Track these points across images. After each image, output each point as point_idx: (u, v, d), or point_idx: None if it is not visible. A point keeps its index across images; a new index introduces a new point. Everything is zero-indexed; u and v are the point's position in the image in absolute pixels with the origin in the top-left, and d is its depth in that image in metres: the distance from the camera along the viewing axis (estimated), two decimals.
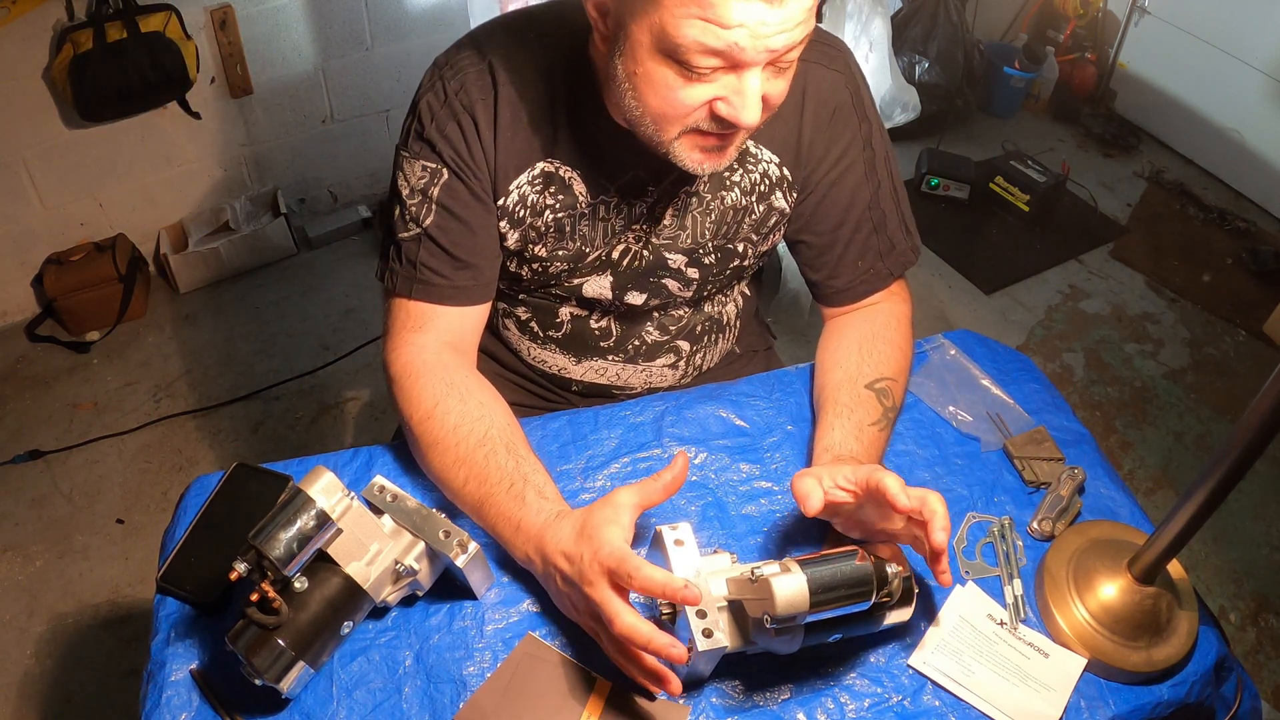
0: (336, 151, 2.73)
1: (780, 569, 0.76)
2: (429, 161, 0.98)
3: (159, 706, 0.82)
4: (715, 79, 0.81)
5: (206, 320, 2.51)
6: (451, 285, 1.02)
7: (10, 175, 2.27)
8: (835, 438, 0.97)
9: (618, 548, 0.78)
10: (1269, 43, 2.86)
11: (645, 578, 0.75)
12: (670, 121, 0.85)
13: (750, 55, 0.77)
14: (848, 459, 0.94)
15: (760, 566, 0.78)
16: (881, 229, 1.09)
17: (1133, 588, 0.90)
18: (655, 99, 0.83)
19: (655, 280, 1.10)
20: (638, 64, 0.82)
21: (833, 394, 1.02)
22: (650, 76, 0.82)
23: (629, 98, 0.86)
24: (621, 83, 0.85)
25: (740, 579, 0.80)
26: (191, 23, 2.25)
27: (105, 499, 2.07)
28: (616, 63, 0.85)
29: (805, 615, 0.76)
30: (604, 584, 0.78)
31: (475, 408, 0.95)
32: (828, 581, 0.76)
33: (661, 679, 0.79)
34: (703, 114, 0.84)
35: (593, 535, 0.80)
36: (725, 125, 0.84)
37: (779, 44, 0.77)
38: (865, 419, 0.99)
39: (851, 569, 0.78)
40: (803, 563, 0.77)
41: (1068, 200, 3.01)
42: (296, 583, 0.79)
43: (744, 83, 0.80)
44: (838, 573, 0.77)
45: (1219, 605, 1.96)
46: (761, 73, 0.81)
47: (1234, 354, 2.57)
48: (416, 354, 1.00)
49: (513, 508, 0.88)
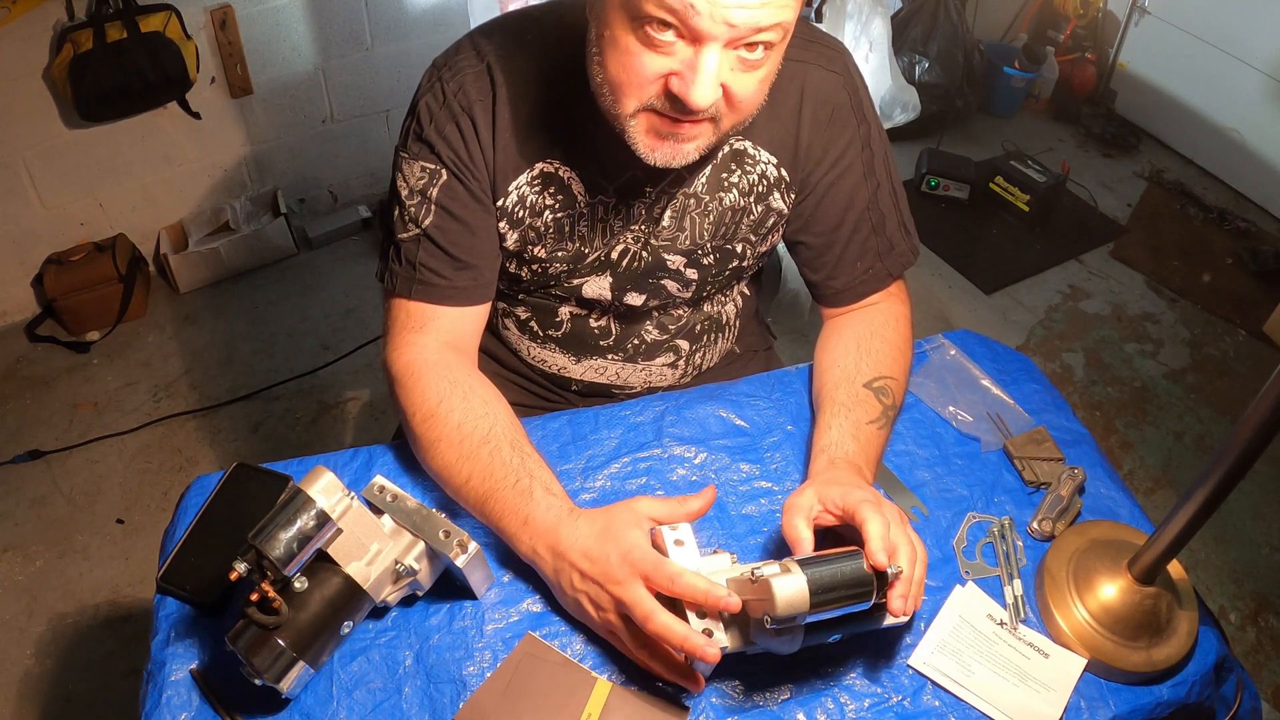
0: (336, 151, 2.73)
1: (780, 569, 0.76)
2: (428, 162, 0.98)
3: (159, 706, 0.82)
4: (673, 52, 0.80)
5: (206, 320, 2.51)
6: (451, 286, 1.02)
7: (10, 175, 2.27)
8: (832, 437, 0.97)
9: (651, 552, 0.80)
10: (1269, 43, 2.86)
11: (687, 585, 0.77)
12: (625, 92, 0.84)
13: (706, 24, 0.76)
14: (842, 461, 0.94)
15: (760, 567, 0.78)
16: (880, 229, 1.09)
17: (1133, 588, 0.90)
18: (614, 65, 0.83)
19: (654, 281, 1.10)
20: (606, 27, 0.82)
21: (830, 393, 1.02)
22: (615, 40, 0.82)
23: (595, 64, 0.86)
24: (592, 46, 0.86)
25: (741, 579, 0.80)
26: (191, 23, 2.25)
27: (105, 499, 2.07)
28: (592, 26, 0.86)
29: (805, 616, 0.75)
30: (635, 583, 0.79)
31: (479, 405, 0.95)
32: (828, 582, 0.76)
33: (689, 678, 0.81)
34: (657, 89, 0.83)
35: (619, 537, 0.82)
36: (679, 107, 0.83)
37: (738, 19, 0.76)
38: (863, 417, 0.99)
39: (852, 569, 0.78)
40: (803, 563, 0.77)
41: (1068, 200, 3.01)
42: (296, 583, 0.79)
43: (699, 59, 0.79)
44: (838, 573, 0.77)
45: (1219, 605, 1.96)
46: (722, 54, 0.79)
47: (1234, 354, 2.57)
48: (418, 353, 1.00)
49: (520, 503, 0.88)
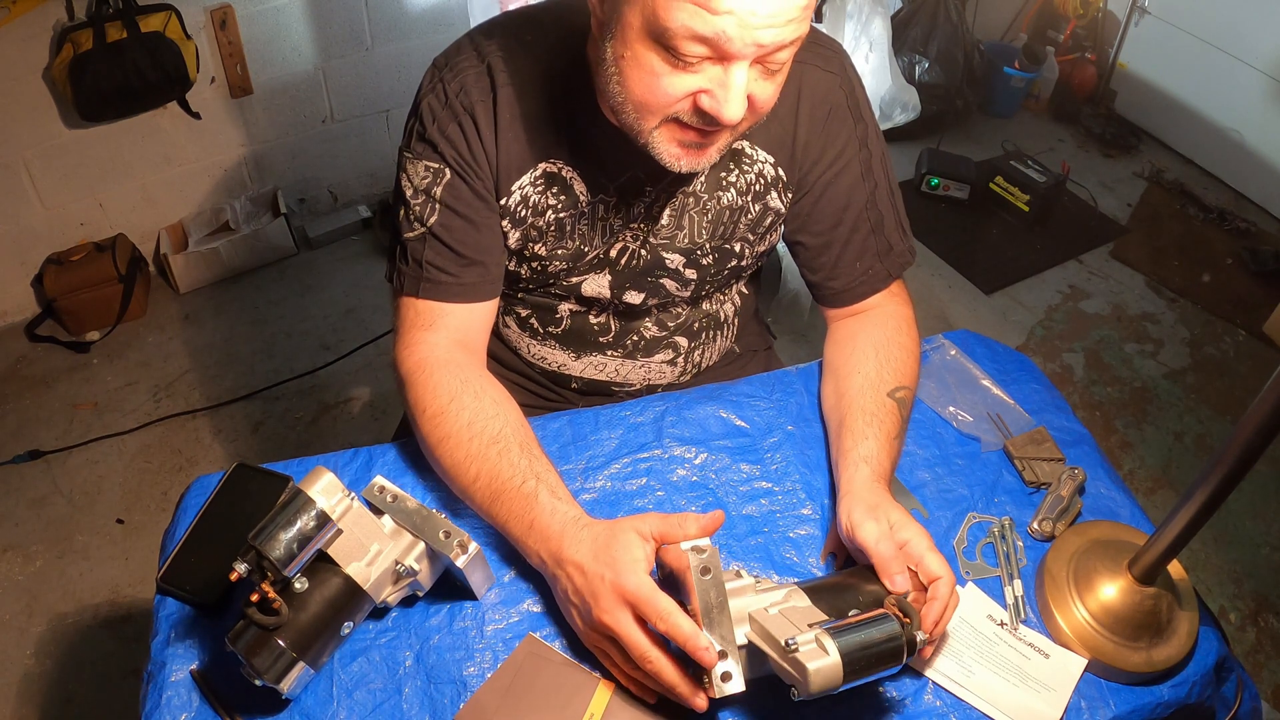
0: (336, 151, 2.73)
1: (815, 645, 0.73)
2: (431, 162, 0.98)
3: (159, 707, 0.82)
4: (701, 70, 0.80)
5: (206, 320, 2.51)
6: (459, 283, 1.02)
7: (10, 175, 2.27)
8: (870, 449, 0.96)
9: (644, 583, 0.78)
10: (1269, 43, 2.86)
11: (674, 625, 0.75)
12: (651, 111, 0.85)
13: (737, 46, 0.77)
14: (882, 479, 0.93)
15: (795, 637, 0.73)
16: (879, 230, 1.09)
17: (1133, 588, 0.90)
18: (639, 86, 0.83)
19: (653, 280, 1.10)
20: (626, 47, 0.82)
21: (857, 400, 1.01)
22: (638, 60, 0.81)
23: (614, 83, 0.86)
24: (609, 66, 0.85)
25: (767, 634, 0.76)
26: (191, 23, 2.25)
27: (105, 499, 2.07)
28: (607, 46, 0.85)
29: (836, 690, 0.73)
30: (622, 613, 0.78)
31: (489, 405, 0.95)
32: (860, 660, 0.73)
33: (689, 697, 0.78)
34: (685, 105, 0.83)
35: (613, 561, 0.80)
36: (707, 120, 0.83)
37: (767, 39, 0.77)
38: (890, 430, 0.98)
39: (882, 635, 0.74)
40: (836, 634, 0.73)
41: (1068, 200, 3.01)
42: (297, 583, 0.79)
43: (729, 76, 0.80)
44: (870, 646, 0.74)
45: (1219, 605, 1.96)
46: (749, 70, 0.80)
47: (1234, 354, 2.57)
48: (429, 351, 1.00)
49: (526, 507, 0.88)
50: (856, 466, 0.94)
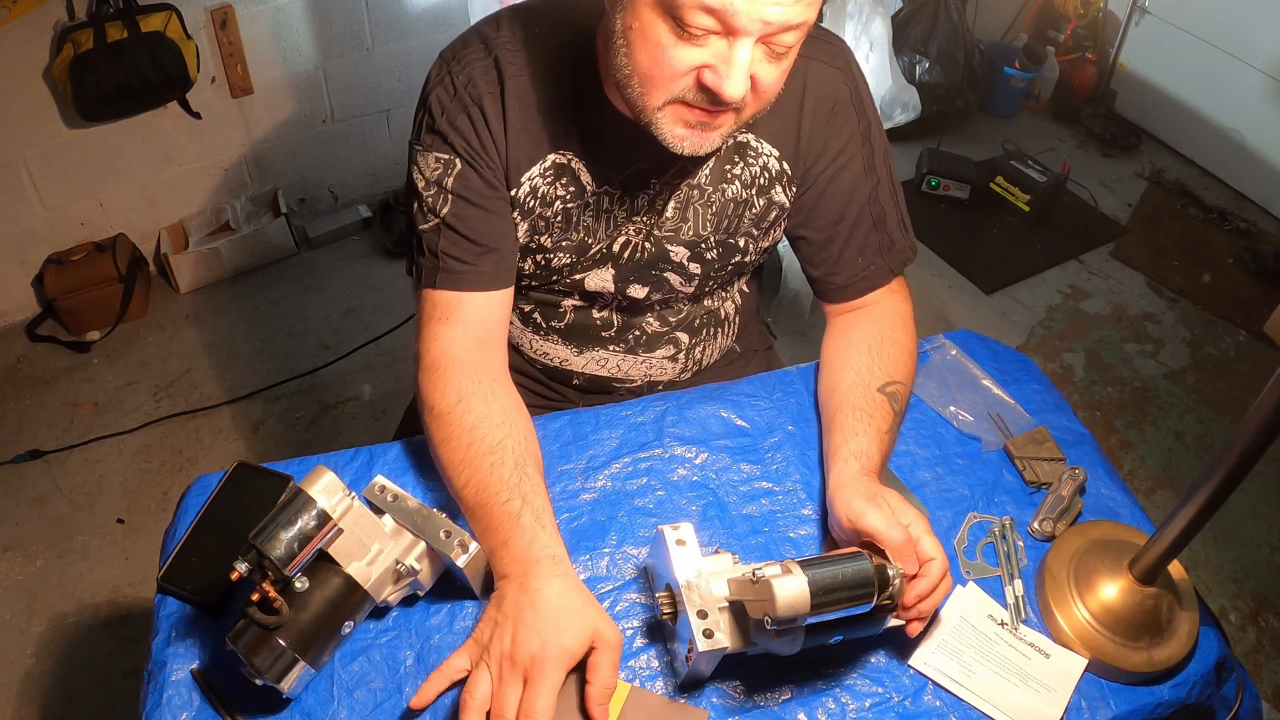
0: (336, 151, 2.73)
1: (781, 570, 0.76)
2: (442, 153, 0.99)
3: (160, 706, 0.82)
4: (707, 43, 0.81)
5: (207, 320, 2.51)
6: (475, 271, 1.02)
7: (10, 175, 2.27)
8: (861, 444, 0.97)
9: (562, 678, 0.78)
10: (1269, 43, 2.86)
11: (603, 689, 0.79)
12: (656, 84, 0.85)
13: (743, 21, 0.77)
14: (873, 473, 0.94)
15: (761, 568, 0.77)
16: (881, 225, 1.09)
17: (1133, 588, 0.90)
18: (646, 57, 0.83)
19: (657, 273, 1.10)
20: (636, 17, 0.82)
21: (847, 395, 1.02)
22: (645, 31, 0.82)
23: (621, 55, 0.86)
24: (617, 39, 0.86)
25: (741, 580, 0.80)
26: (192, 23, 2.25)
27: (105, 499, 2.07)
28: (616, 18, 0.85)
29: (806, 617, 0.75)
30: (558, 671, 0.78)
31: (497, 413, 0.95)
32: (829, 583, 0.76)
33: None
34: (689, 82, 0.84)
35: (558, 640, 0.78)
36: (711, 99, 0.84)
37: (774, 16, 0.78)
38: (882, 425, 0.99)
39: (853, 571, 0.78)
40: (804, 564, 0.77)
41: (1068, 200, 3.01)
42: (297, 583, 0.79)
43: (734, 52, 0.80)
44: (839, 575, 0.77)
45: (1219, 605, 1.96)
46: (755, 49, 0.81)
47: (1234, 354, 2.57)
48: (448, 347, 1.00)
49: (503, 525, 0.87)
50: (846, 462, 0.95)
